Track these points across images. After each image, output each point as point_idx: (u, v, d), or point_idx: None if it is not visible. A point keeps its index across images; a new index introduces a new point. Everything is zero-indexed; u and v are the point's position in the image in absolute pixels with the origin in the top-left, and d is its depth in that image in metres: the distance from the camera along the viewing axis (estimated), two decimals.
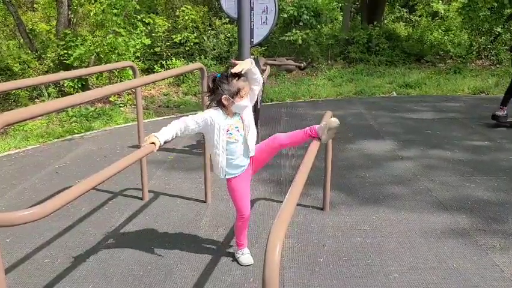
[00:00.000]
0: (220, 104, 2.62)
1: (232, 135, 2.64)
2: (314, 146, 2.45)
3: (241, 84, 2.56)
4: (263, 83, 5.53)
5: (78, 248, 3.22)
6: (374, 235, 3.31)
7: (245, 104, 2.62)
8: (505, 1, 10.48)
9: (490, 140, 5.56)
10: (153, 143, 2.45)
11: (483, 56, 11.89)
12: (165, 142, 2.55)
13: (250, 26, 4.64)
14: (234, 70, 2.55)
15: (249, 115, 2.70)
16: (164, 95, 9.09)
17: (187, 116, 2.72)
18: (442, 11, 15.37)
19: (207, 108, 2.71)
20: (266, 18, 4.72)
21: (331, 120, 2.68)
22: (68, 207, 3.79)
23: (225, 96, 2.56)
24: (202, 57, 10.54)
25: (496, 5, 11.14)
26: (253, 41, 4.78)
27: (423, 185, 4.20)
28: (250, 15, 4.63)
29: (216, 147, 2.65)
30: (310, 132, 2.71)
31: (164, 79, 8.92)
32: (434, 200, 3.88)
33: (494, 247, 3.11)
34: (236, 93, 2.56)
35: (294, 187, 1.84)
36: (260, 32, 4.77)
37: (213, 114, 2.61)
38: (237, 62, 2.62)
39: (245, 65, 2.55)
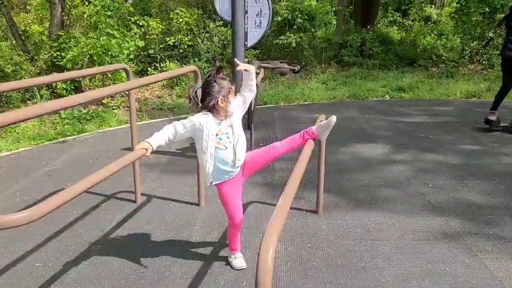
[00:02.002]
0: (213, 109, 2.59)
1: (222, 141, 2.60)
2: (307, 150, 2.45)
3: (228, 83, 2.59)
4: (257, 85, 5.55)
5: (70, 252, 3.19)
6: (367, 238, 3.31)
7: (236, 102, 2.64)
8: (497, 5, 10.57)
9: (481, 144, 5.60)
10: (145, 148, 2.45)
11: (475, 61, 11.99)
12: (158, 147, 2.54)
13: (244, 29, 4.65)
14: (240, 68, 2.62)
15: (238, 121, 2.68)
16: (158, 97, 9.07)
17: (178, 120, 2.72)
18: (435, 16, 15.51)
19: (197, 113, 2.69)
20: (260, 22, 4.73)
21: (331, 120, 2.73)
22: (60, 210, 3.76)
23: (220, 98, 2.55)
24: (196, 59, 10.52)
25: (488, 9, 11.25)
26: (246, 44, 4.79)
27: (416, 189, 4.22)
28: (244, 18, 4.63)
29: (204, 153, 2.60)
30: (307, 134, 2.72)
31: (158, 81, 8.90)
32: (426, 203, 3.90)
33: (486, 250, 3.13)
34: (228, 92, 2.57)
35: (287, 191, 1.84)
36: (254, 35, 4.77)
37: (202, 119, 2.58)
38: (238, 61, 2.65)
39: (249, 67, 2.64)
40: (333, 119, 2.75)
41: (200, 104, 2.61)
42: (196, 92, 2.61)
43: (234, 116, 2.65)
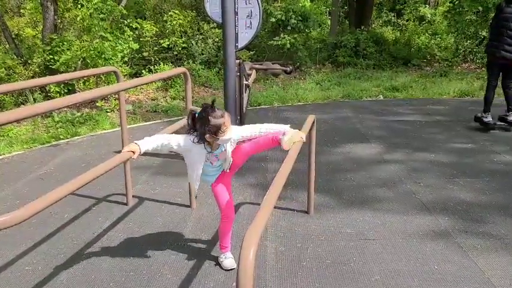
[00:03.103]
0: (203, 140, 2.63)
1: (208, 160, 2.75)
2: (294, 152, 2.45)
3: (220, 121, 2.54)
4: (249, 87, 5.57)
5: (60, 255, 3.19)
6: (358, 238, 3.32)
7: (228, 137, 2.62)
8: (489, 5, 10.62)
9: (474, 143, 5.62)
10: (133, 151, 2.46)
11: (469, 60, 12.04)
12: (145, 151, 2.55)
13: (235, 31, 4.66)
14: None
15: (231, 145, 2.74)
16: (152, 99, 9.06)
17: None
18: (429, 15, 15.56)
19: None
20: (250, 23, 4.74)
21: (296, 136, 2.70)
22: (51, 213, 3.76)
23: (208, 135, 2.58)
24: (191, 61, 10.52)
25: (481, 9, 11.29)
26: (237, 46, 4.79)
27: (408, 188, 4.23)
28: (235, 20, 4.64)
29: (192, 170, 2.75)
30: (276, 141, 2.75)
31: (150, 83, 8.90)
32: (417, 202, 3.91)
33: (475, 248, 3.14)
34: (217, 130, 2.56)
35: (270, 192, 1.85)
36: (245, 36, 4.78)
37: (194, 148, 2.65)
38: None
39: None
40: (296, 136, 2.69)
41: (193, 129, 2.65)
42: (193, 118, 2.63)
43: (227, 143, 2.69)
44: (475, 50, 11.98)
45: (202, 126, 2.57)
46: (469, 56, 12.03)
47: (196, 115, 2.62)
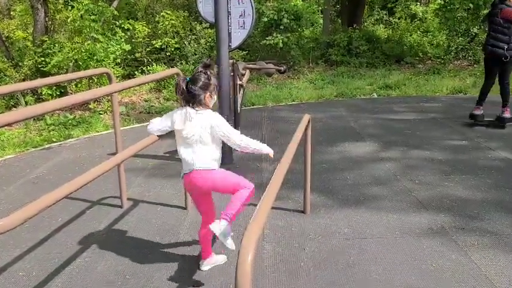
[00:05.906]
0: (201, 105, 2.63)
1: None
2: (289, 152, 2.43)
3: (215, 81, 2.70)
4: (243, 87, 5.54)
5: (54, 260, 3.15)
6: (354, 237, 3.31)
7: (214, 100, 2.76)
8: (480, 2, 10.67)
9: (468, 139, 5.64)
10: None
11: (461, 57, 12.08)
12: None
13: (228, 30, 4.63)
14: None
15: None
16: (145, 101, 9.01)
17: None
18: (420, 13, 15.62)
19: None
20: (244, 22, 4.71)
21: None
22: (44, 217, 3.71)
23: (208, 94, 2.63)
24: (183, 62, 10.48)
25: (471, 6, 11.35)
26: (231, 45, 4.77)
27: (403, 186, 4.23)
28: (228, 19, 4.61)
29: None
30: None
31: (143, 84, 8.85)
32: (413, 200, 3.91)
33: (472, 245, 3.14)
34: (214, 89, 2.67)
35: (265, 196, 1.82)
36: (238, 36, 4.76)
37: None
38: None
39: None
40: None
41: (181, 95, 2.64)
42: (183, 81, 2.64)
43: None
44: (466, 47, 12.03)
45: (203, 87, 2.58)
46: (461, 53, 12.07)
47: (187, 80, 2.62)
